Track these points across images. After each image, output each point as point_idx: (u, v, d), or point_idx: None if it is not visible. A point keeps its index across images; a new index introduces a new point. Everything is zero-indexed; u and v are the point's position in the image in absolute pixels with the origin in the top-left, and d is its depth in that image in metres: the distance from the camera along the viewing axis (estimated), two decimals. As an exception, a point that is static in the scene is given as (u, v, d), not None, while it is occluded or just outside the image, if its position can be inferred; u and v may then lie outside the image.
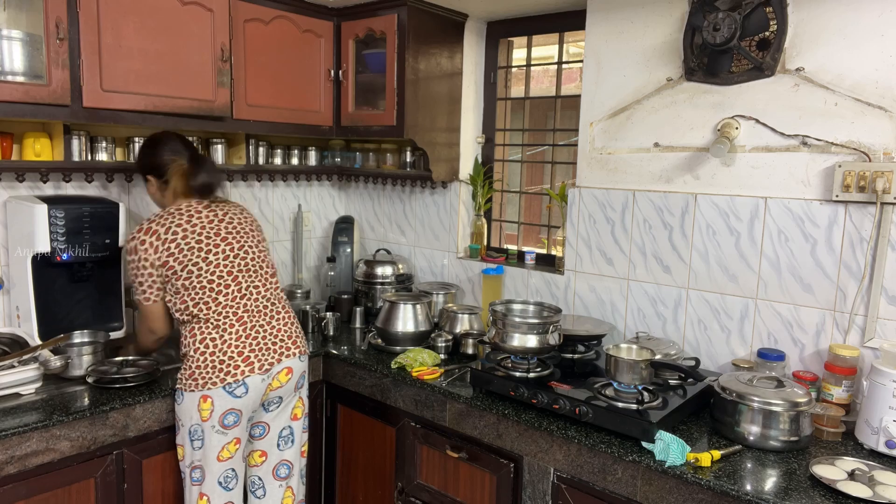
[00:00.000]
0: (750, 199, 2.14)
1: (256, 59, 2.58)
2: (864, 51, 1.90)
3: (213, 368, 1.97)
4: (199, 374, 1.96)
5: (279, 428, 2.18)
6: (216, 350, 1.99)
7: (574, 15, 2.61)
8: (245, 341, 2.02)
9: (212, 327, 2.01)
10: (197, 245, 2.02)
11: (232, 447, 2.02)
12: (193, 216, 2.05)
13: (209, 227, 2.06)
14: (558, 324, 2.14)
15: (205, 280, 2.02)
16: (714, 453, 1.67)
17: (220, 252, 2.05)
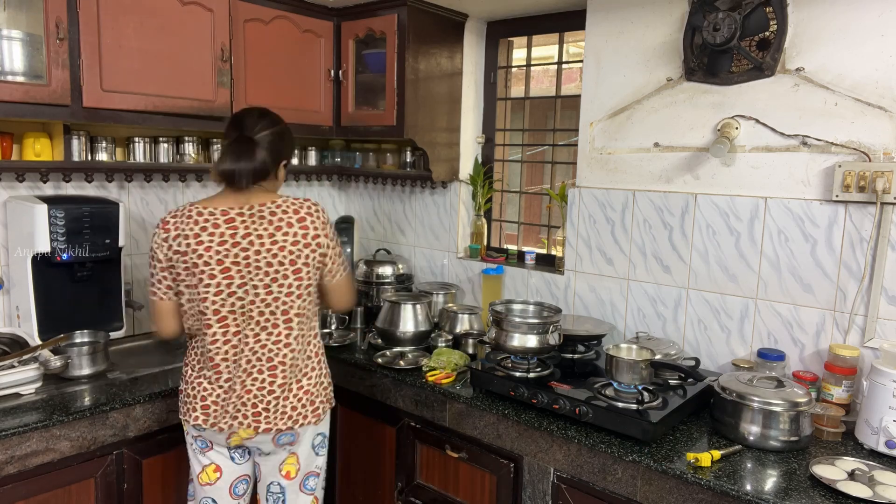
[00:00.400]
0: (750, 199, 2.14)
1: (256, 60, 2.58)
2: (864, 51, 1.90)
3: (183, 395, 1.83)
4: (180, 397, 1.85)
5: (267, 481, 1.90)
6: (186, 383, 1.83)
7: (574, 15, 2.61)
8: (209, 394, 1.77)
9: (194, 357, 1.82)
10: (194, 265, 1.71)
11: (212, 473, 1.85)
12: (209, 227, 1.71)
13: (218, 247, 1.70)
14: (558, 324, 2.14)
15: (196, 307, 1.75)
16: (714, 453, 1.66)
17: (213, 284, 1.71)
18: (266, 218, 1.73)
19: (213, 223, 1.72)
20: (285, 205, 1.76)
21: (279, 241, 1.72)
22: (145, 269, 2.67)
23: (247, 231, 1.72)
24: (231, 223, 1.72)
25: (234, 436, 1.77)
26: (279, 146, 1.80)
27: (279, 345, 1.77)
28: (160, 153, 2.56)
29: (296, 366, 1.81)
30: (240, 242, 1.71)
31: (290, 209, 1.76)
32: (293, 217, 1.75)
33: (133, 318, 2.65)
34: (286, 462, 1.87)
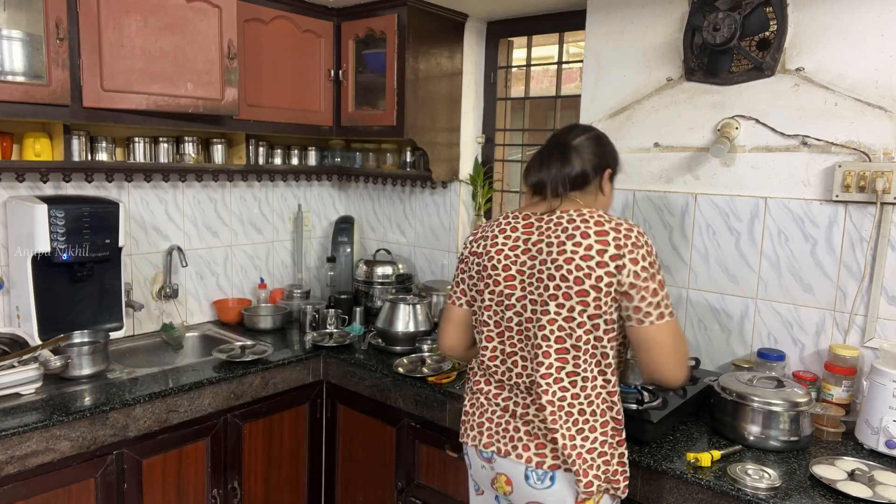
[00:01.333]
0: (750, 199, 2.14)
1: (256, 59, 2.57)
2: (864, 51, 1.90)
3: (462, 414, 1.67)
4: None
5: None
6: (465, 398, 1.66)
7: (574, 15, 2.61)
8: (483, 409, 1.59)
9: (474, 372, 1.65)
10: (485, 271, 1.56)
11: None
12: (507, 231, 1.56)
13: (509, 252, 1.53)
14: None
15: (480, 316, 1.59)
16: (714, 453, 1.66)
17: (496, 292, 1.54)
18: (563, 225, 1.47)
19: (512, 226, 1.55)
20: (592, 214, 1.48)
21: (568, 250, 1.44)
22: (145, 269, 2.68)
23: (539, 236, 1.50)
24: (528, 225, 1.53)
25: (502, 476, 1.55)
26: (600, 151, 1.58)
27: (565, 374, 1.46)
28: (160, 153, 2.56)
29: (570, 409, 1.46)
30: (530, 249, 1.51)
31: (593, 219, 1.46)
32: (592, 227, 1.45)
33: (133, 318, 2.65)
34: None
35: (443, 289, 2.88)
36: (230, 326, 2.84)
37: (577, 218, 1.47)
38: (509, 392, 1.55)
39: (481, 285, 1.57)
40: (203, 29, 2.28)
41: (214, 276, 2.93)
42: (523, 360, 1.52)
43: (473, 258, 1.59)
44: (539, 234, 1.50)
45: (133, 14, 2.12)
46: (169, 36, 2.21)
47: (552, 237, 1.47)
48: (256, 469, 2.43)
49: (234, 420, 2.32)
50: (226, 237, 2.95)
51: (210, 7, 2.29)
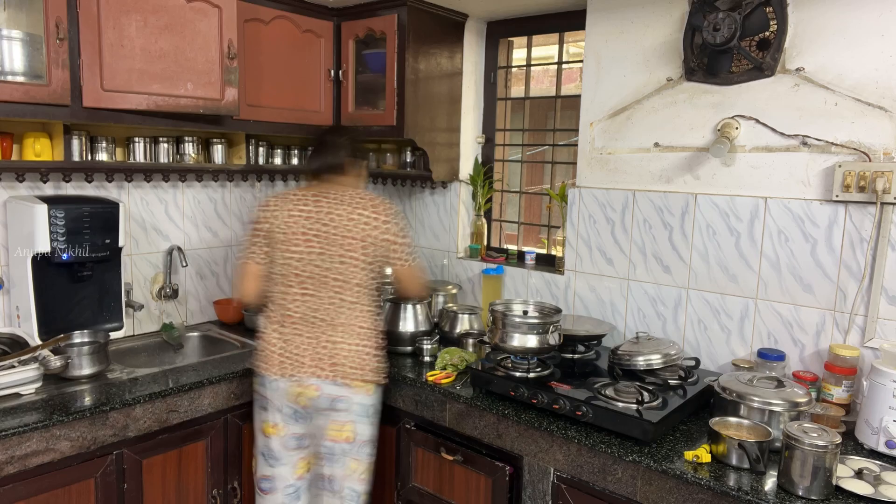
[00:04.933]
0: (750, 199, 2.14)
1: (256, 59, 2.57)
2: (864, 51, 1.90)
3: (259, 352, 2.09)
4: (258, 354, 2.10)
5: (318, 442, 2.10)
6: (262, 339, 2.09)
7: (574, 15, 2.61)
8: (284, 346, 2.05)
9: (270, 319, 2.09)
10: (284, 235, 2.03)
11: (270, 429, 2.07)
12: (299, 204, 2.05)
13: (304, 221, 2.03)
14: (558, 324, 2.14)
15: (279, 272, 2.05)
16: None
17: (300, 251, 2.02)
18: (334, 203, 2.05)
19: (301, 198, 2.06)
20: (363, 193, 2.10)
21: (343, 222, 2.02)
22: (145, 269, 2.68)
23: (328, 208, 2.04)
24: (316, 200, 2.05)
25: (310, 387, 2.03)
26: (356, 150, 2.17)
27: (347, 307, 2.06)
28: (160, 153, 2.56)
29: (354, 331, 2.07)
30: (321, 217, 2.03)
31: (367, 197, 2.08)
32: (368, 203, 2.06)
33: (133, 318, 2.65)
34: (330, 427, 2.07)
35: (443, 288, 2.88)
36: (230, 326, 2.84)
37: (355, 196, 2.07)
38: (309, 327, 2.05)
39: (283, 246, 2.02)
40: (203, 29, 2.28)
41: (214, 276, 2.93)
42: (320, 301, 2.04)
43: (272, 224, 2.04)
44: (328, 206, 2.04)
45: (133, 14, 2.12)
46: (169, 36, 2.20)
47: (340, 210, 2.03)
48: (256, 469, 2.43)
49: (234, 420, 2.32)
50: (226, 237, 2.95)
51: (210, 7, 2.29)
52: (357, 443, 2.07)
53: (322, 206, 2.04)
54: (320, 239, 2.01)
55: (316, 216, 2.03)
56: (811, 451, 1.49)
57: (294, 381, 2.02)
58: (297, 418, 2.06)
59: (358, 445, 2.07)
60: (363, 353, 2.06)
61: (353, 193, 2.08)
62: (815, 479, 1.50)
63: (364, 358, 2.06)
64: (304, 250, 2.02)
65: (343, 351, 2.03)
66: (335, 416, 2.04)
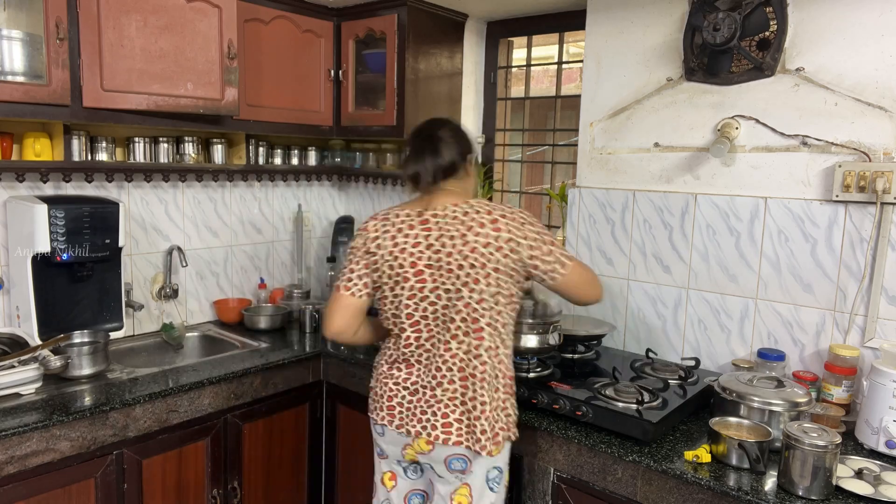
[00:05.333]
0: (750, 199, 2.14)
1: (256, 60, 2.58)
2: (864, 51, 1.90)
3: (372, 393, 1.82)
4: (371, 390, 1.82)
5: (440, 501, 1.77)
6: (377, 379, 1.80)
7: (574, 15, 2.61)
8: (396, 391, 1.73)
9: (387, 358, 1.78)
10: (391, 269, 1.69)
11: (388, 480, 1.83)
12: (404, 227, 1.71)
13: (411, 248, 1.67)
14: (558, 324, 2.14)
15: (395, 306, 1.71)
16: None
17: (410, 286, 1.68)
18: (444, 221, 1.67)
19: (408, 223, 1.72)
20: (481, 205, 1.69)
21: (457, 245, 1.64)
22: (145, 269, 2.68)
23: (438, 231, 1.67)
24: (422, 221, 1.70)
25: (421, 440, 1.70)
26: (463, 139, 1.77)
27: (472, 354, 1.66)
28: (160, 153, 2.56)
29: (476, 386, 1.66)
30: (434, 242, 1.66)
31: (484, 209, 1.67)
32: (486, 217, 1.65)
33: (133, 318, 2.65)
34: (458, 491, 1.71)
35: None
36: (230, 326, 2.84)
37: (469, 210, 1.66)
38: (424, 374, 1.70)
39: (391, 282, 1.69)
40: (203, 29, 2.28)
41: (214, 276, 2.93)
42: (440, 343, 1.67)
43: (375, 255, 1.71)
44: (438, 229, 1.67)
45: (133, 14, 2.12)
46: (169, 36, 2.20)
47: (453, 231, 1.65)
48: (256, 469, 2.43)
49: (234, 420, 2.32)
50: (226, 237, 2.95)
51: (210, 7, 2.29)
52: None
53: (431, 229, 1.67)
54: (433, 270, 1.65)
55: (425, 241, 1.66)
56: (811, 451, 1.49)
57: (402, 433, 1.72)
58: (416, 472, 1.81)
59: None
60: (498, 410, 1.68)
61: (467, 207, 1.67)
62: (815, 479, 1.50)
63: (498, 415, 1.68)
64: (415, 285, 1.66)
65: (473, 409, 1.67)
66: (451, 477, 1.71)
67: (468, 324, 1.64)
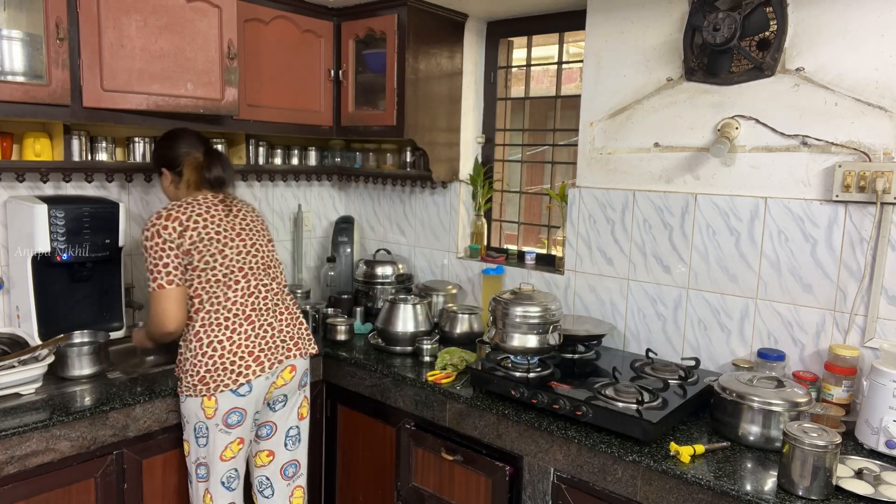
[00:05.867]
0: (750, 199, 2.14)
1: (256, 60, 2.57)
2: (864, 51, 1.90)
3: (222, 370, 1.95)
4: (209, 377, 1.94)
5: (286, 427, 2.19)
6: (225, 352, 1.96)
7: (574, 15, 2.61)
8: (254, 341, 2.02)
9: (220, 329, 1.98)
10: (215, 237, 2.00)
11: (235, 447, 2.02)
12: (211, 208, 2.04)
13: (225, 220, 2.05)
14: (558, 324, 2.14)
15: (220, 274, 2.00)
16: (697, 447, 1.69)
17: (234, 247, 2.04)
18: (238, 203, 2.19)
19: (210, 203, 2.07)
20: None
21: (253, 217, 2.20)
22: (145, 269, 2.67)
23: (237, 208, 2.15)
24: (222, 202, 2.11)
25: (285, 370, 2.10)
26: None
27: (284, 289, 2.24)
28: (160, 153, 2.56)
29: (294, 308, 2.23)
30: (237, 215, 2.13)
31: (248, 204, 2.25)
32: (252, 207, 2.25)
33: (133, 318, 2.64)
34: (301, 405, 2.23)
35: (443, 289, 2.88)
36: (230, 326, 2.84)
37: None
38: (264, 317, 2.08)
39: (214, 251, 2.00)
40: (203, 29, 2.28)
41: (214, 276, 2.93)
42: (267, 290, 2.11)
43: (193, 248, 1.96)
44: (234, 206, 2.13)
45: (133, 14, 2.12)
46: (169, 36, 2.20)
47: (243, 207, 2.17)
48: (256, 469, 2.43)
49: (234, 420, 2.32)
50: (226, 237, 2.95)
51: (210, 7, 2.29)
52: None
53: (230, 208, 2.12)
54: (246, 232, 2.13)
55: (232, 214, 2.12)
56: (811, 451, 1.49)
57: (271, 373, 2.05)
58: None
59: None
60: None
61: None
62: (815, 479, 1.50)
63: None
64: (238, 244, 2.11)
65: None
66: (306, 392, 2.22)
67: (275, 267, 2.22)
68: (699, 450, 1.69)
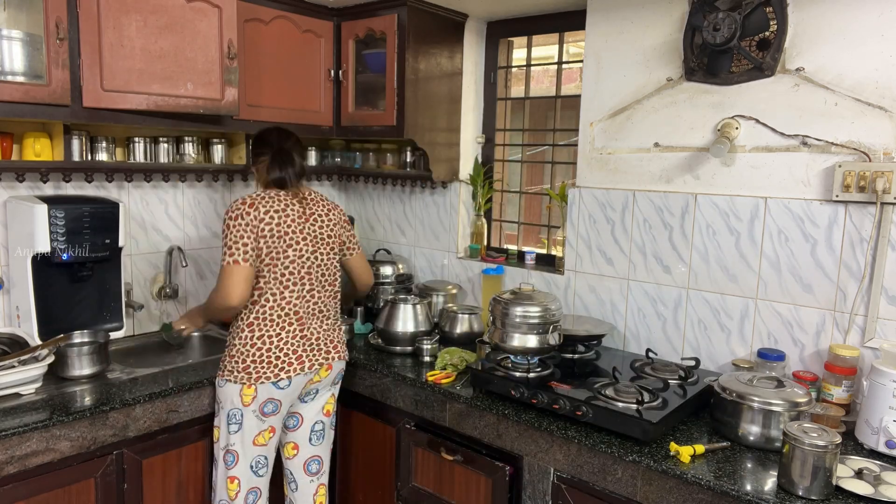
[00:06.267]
0: (750, 199, 2.14)
1: (256, 59, 2.57)
2: (864, 51, 1.90)
3: (267, 364, 2.03)
4: (252, 368, 2.01)
5: (311, 422, 2.23)
6: (273, 347, 2.04)
7: (574, 15, 2.61)
8: (300, 342, 2.09)
9: (272, 325, 2.05)
10: (285, 235, 2.06)
11: (267, 434, 2.08)
12: (287, 206, 2.09)
13: (297, 221, 2.10)
14: (558, 324, 2.14)
15: (280, 272, 2.06)
16: (697, 447, 1.68)
17: (299, 249, 2.09)
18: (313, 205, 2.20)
19: (288, 201, 2.12)
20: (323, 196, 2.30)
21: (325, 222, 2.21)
22: (145, 269, 2.68)
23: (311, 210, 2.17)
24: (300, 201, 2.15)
25: (323, 367, 2.16)
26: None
27: (334, 297, 2.26)
28: (160, 153, 2.56)
29: (338, 316, 2.31)
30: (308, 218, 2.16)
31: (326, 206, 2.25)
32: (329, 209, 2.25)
33: (133, 318, 2.65)
34: (328, 401, 2.28)
35: (443, 289, 2.88)
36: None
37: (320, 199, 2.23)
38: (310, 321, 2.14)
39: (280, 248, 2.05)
40: (203, 29, 2.28)
41: (215, 276, 2.93)
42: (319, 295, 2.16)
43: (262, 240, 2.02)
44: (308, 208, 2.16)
45: (133, 14, 2.12)
46: (169, 36, 2.20)
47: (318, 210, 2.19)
48: (256, 469, 2.43)
49: (234, 420, 2.32)
50: (226, 237, 2.95)
51: (210, 7, 2.29)
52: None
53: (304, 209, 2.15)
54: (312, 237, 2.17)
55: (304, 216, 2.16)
56: (811, 451, 1.49)
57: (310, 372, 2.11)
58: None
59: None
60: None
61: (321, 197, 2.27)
62: (815, 479, 1.50)
63: None
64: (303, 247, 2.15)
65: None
66: (335, 389, 2.28)
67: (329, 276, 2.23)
68: (699, 450, 1.69)
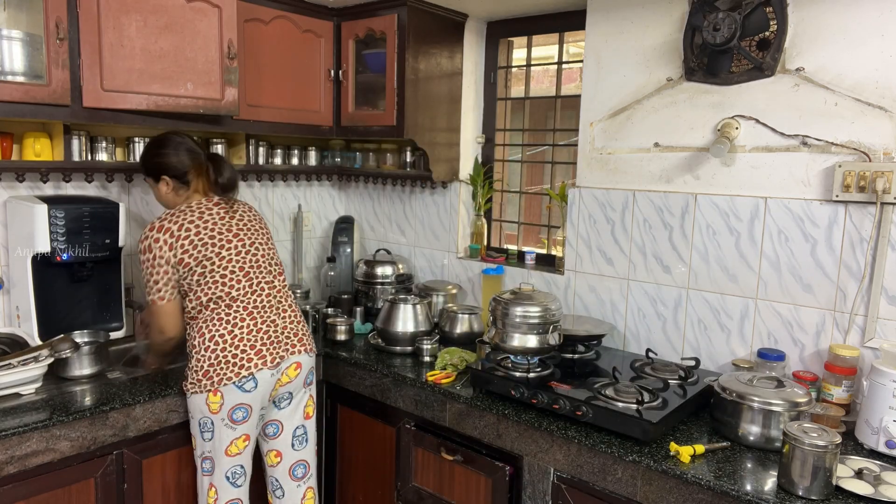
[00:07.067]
0: (750, 199, 2.14)
1: (256, 59, 2.57)
2: (864, 51, 1.90)
3: (225, 364, 1.97)
4: (212, 371, 1.97)
5: (293, 427, 2.20)
6: (227, 345, 1.99)
7: (574, 15, 2.61)
8: (256, 335, 2.03)
9: (222, 323, 2.01)
10: (210, 241, 2.03)
11: (241, 443, 2.03)
12: (205, 213, 2.06)
13: (220, 223, 2.07)
14: (558, 324, 2.14)
15: (217, 275, 2.02)
16: (697, 447, 1.68)
17: (232, 248, 2.06)
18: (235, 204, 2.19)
19: (205, 207, 2.09)
20: None
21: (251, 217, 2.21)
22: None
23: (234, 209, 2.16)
24: (217, 205, 2.12)
25: (290, 366, 2.11)
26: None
27: (285, 287, 2.24)
28: (160, 153, 2.55)
29: (295, 306, 2.27)
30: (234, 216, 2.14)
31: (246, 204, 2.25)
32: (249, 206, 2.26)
33: (133, 318, 2.64)
34: (307, 404, 2.24)
35: (443, 289, 2.88)
36: (230, 326, 2.84)
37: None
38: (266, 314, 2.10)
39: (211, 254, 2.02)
40: (203, 29, 2.28)
41: (214, 276, 2.93)
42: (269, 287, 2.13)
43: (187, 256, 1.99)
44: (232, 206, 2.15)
45: (133, 14, 2.12)
46: (169, 36, 2.20)
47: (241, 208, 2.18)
48: (256, 469, 2.43)
49: (234, 420, 2.32)
50: (226, 237, 2.95)
51: (210, 7, 2.29)
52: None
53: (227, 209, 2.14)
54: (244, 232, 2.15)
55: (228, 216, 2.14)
56: (811, 451, 1.49)
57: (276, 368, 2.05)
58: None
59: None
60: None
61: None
62: (815, 479, 1.50)
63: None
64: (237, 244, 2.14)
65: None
66: (311, 391, 2.23)
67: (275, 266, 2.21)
68: (699, 450, 1.69)
